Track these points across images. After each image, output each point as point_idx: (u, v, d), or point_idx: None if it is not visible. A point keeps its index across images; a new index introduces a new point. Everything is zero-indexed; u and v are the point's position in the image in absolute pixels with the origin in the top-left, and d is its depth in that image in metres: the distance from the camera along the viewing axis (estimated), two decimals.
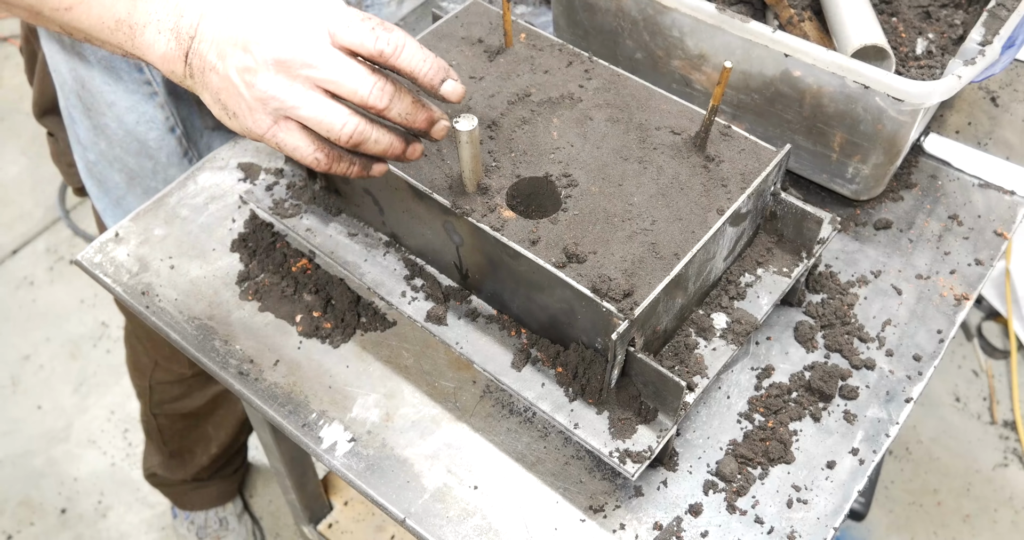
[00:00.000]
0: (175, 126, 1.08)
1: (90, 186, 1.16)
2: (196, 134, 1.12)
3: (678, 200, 0.81)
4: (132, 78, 1.03)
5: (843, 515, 0.80)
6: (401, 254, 0.90)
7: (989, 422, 2.07)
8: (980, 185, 1.04)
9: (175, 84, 1.05)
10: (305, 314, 0.91)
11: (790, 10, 0.99)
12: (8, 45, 2.93)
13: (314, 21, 0.69)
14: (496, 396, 0.87)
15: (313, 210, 0.94)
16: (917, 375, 0.89)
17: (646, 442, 0.77)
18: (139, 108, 1.06)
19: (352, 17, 0.69)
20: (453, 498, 0.81)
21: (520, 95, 0.89)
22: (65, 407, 2.12)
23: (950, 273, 0.96)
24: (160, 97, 1.06)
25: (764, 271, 0.88)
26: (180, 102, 1.08)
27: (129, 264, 0.97)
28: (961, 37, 1.01)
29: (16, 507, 1.97)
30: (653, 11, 0.98)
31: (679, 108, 0.88)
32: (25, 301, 2.32)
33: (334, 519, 1.64)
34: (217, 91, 0.73)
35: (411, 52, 0.70)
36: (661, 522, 0.79)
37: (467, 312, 0.86)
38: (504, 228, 0.78)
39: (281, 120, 0.72)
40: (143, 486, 1.98)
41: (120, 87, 1.04)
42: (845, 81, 0.88)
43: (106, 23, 0.78)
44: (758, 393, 0.87)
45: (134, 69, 1.03)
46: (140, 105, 1.06)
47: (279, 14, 0.69)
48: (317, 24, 0.69)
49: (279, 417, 0.86)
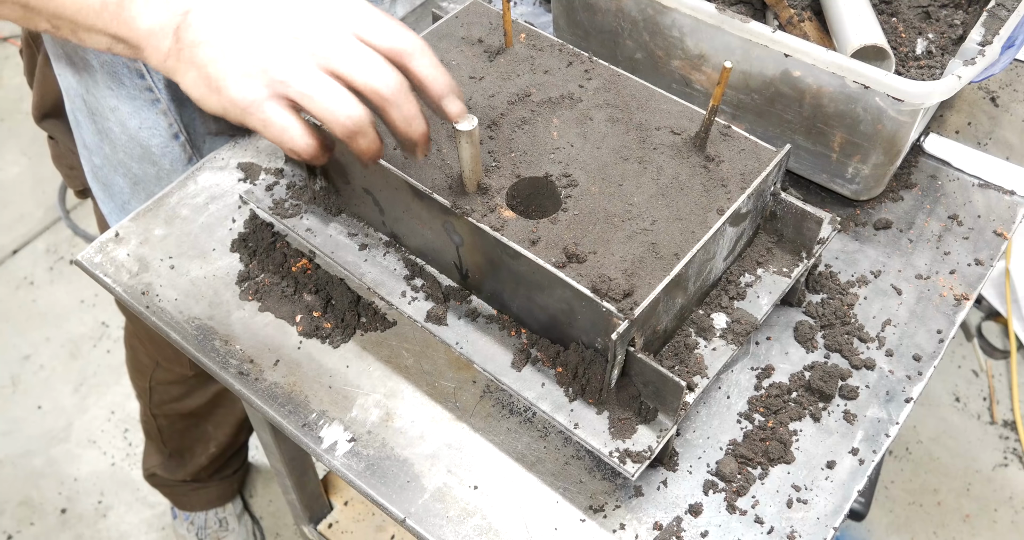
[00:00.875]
0: (179, 133, 1.07)
1: (96, 190, 1.16)
2: (199, 139, 1.11)
3: (678, 200, 0.81)
4: (134, 84, 1.02)
5: (843, 515, 0.80)
6: (401, 254, 0.90)
7: (989, 422, 2.07)
8: (980, 185, 1.04)
9: (178, 90, 1.04)
10: (305, 314, 0.91)
11: (790, 10, 0.99)
12: (8, 45, 2.93)
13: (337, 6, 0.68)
14: (496, 396, 0.87)
15: (313, 210, 0.94)
16: (917, 375, 0.89)
17: (646, 442, 0.77)
18: (141, 114, 1.05)
19: (375, 11, 0.67)
20: (453, 498, 0.81)
21: (520, 95, 0.89)
22: (65, 407, 2.12)
23: (950, 273, 0.96)
24: (163, 104, 1.04)
25: (764, 271, 0.88)
26: (183, 108, 1.07)
27: (129, 264, 0.97)
28: (961, 37, 1.01)
29: (16, 507, 1.97)
30: (653, 11, 0.98)
31: (679, 108, 0.88)
32: (25, 301, 2.32)
33: (334, 519, 1.64)
34: (209, 61, 0.68)
35: (429, 58, 0.69)
36: (661, 522, 0.79)
37: (467, 312, 0.86)
38: (504, 228, 0.78)
39: (275, 96, 0.67)
40: (143, 486, 1.98)
41: (123, 93, 1.03)
42: (845, 81, 0.88)
43: (91, 4, 0.73)
44: (758, 393, 0.87)
45: (136, 75, 1.02)
46: (142, 111, 1.05)
47: None
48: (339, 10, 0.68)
49: (279, 417, 0.86)
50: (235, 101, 0.68)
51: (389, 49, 0.68)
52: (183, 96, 1.06)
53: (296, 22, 0.67)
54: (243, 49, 0.67)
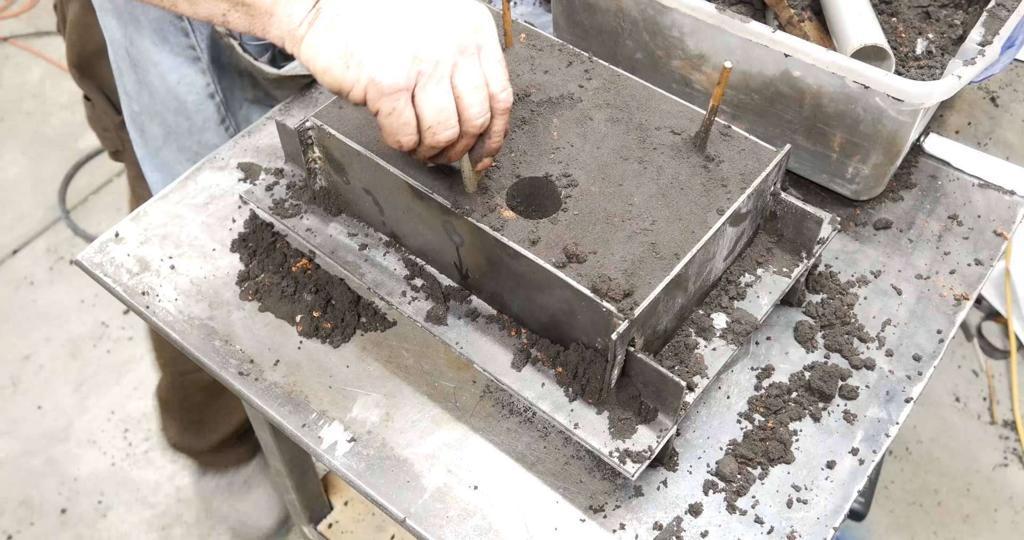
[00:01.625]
0: (215, 93, 1.11)
1: (133, 134, 1.20)
2: (236, 104, 1.15)
3: (678, 200, 0.81)
4: (178, 41, 1.06)
5: (843, 515, 0.80)
6: (401, 254, 0.90)
7: (989, 422, 2.07)
8: (980, 185, 1.04)
9: (219, 54, 1.08)
10: (305, 314, 0.91)
11: (790, 10, 0.99)
12: (8, 45, 2.93)
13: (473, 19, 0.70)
14: (496, 396, 0.87)
15: (313, 210, 0.94)
16: (917, 375, 0.89)
17: (646, 442, 0.77)
18: (181, 70, 1.08)
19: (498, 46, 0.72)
20: (453, 498, 0.81)
21: (520, 95, 0.89)
22: (65, 407, 2.12)
23: (950, 273, 0.96)
24: (203, 63, 1.08)
25: (764, 271, 0.88)
26: (223, 72, 1.11)
27: (129, 264, 0.97)
28: (961, 37, 1.01)
29: (16, 507, 1.97)
30: (653, 11, 0.98)
31: (679, 108, 0.88)
32: (25, 301, 2.32)
33: (334, 519, 1.64)
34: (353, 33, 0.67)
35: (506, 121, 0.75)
36: (661, 522, 0.79)
37: (467, 312, 0.86)
38: (504, 228, 0.78)
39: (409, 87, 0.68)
40: (143, 486, 1.98)
41: (166, 48, 1.07)
42: (845, 81, 0.88)
43: None
44: (758, 393, 0.87)
45: (181, 33, 1.06)
46: (182, 67, 1.08)
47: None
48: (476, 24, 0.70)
49: (279, 417, 0.86)
50: (376, 79, 0.68)
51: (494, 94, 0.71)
52: (224, 60, 1.10)
53: (442, 19, 0.68)
54: (393, 30, 0.67)
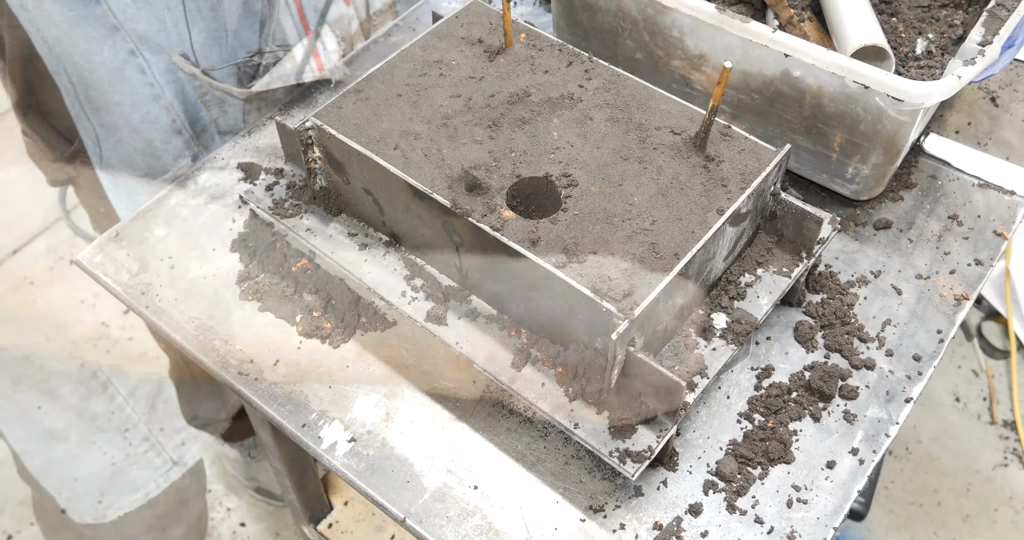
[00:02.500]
0: (182, 129, 1.09)
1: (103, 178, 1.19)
2: (207, 138, 1.13)
3: (678, 200, 0.81)
4: (137, 79, 1.04)
5: (843, 515, 0.80)
6: (401, 254, 0.90)
7: (989, 422, 2.07)
8: (980, 185, 1.04)
9: (182, 87, 1.06)
10: (305, 314, 0.91)
11: (790, 10, 0.99)
12: None
13: None
14: (496, 396, 0.87)
15: (313, 210, 0.94)
16: (917, 375, 0.89)
17: (646, 442, 0.77)
18: (143, 108, 1.07)
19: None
20: (453, 498, 0.81)
21: (520, 95, 0.89)
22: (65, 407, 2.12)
23: (950, 273, 0.96)
24: (165, 99, 1.06)
25: (764, 271, 0.88)
26: (188, 106, 1.09)
27: (129, 264, 0.96)
28: (961, 37, 1.01)
29: (16, 507, 1.97)
30: (653, 11, 0.98)
31: (679, 108, 0.88)
32: (25, 301, 2.32)
33: (334, 519, 1.64)
34: None
35: None
36: (661, 522, 0.79)
37: (467, 312, 0.86)
38: (504, 228, 0.78)
39: None
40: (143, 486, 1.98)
41: (124, 88, 1.05)
42: (845, 81, 0.88)
43: None
44: (758, 393, 0.87)
45: (137, 71, 1.04)
46: (144, 105, 1.06)
47: None
48: None
49: (279, 417, 0.85)
50: None
51: None
52: (187, 93, 1.08)
53: None
54: None
